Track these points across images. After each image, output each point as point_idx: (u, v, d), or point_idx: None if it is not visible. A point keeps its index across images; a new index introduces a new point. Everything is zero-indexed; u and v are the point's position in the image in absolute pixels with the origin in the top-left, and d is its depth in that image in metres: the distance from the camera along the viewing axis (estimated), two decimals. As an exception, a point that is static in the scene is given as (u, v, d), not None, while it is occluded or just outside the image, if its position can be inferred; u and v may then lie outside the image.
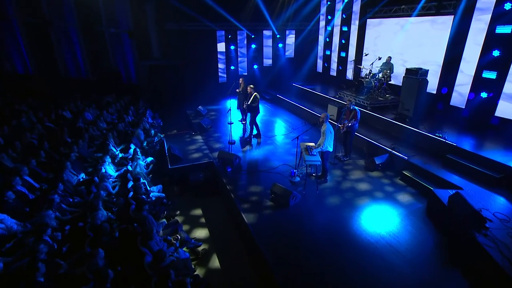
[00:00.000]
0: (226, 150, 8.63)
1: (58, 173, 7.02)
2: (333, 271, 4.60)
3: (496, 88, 7.94)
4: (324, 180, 7.03)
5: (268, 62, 16.17)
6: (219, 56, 15.36)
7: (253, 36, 15.15)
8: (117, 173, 7.92)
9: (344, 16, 12.89)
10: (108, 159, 8.06)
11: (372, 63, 10.23)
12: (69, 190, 6.75)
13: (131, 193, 6.55)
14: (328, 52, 14.51)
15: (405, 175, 7.10)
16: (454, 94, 9.10)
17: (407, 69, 8.88)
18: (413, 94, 8.71)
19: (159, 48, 15.87)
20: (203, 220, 6.90)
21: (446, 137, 7.49)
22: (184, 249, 5.62)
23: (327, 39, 14.31)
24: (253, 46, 15.36)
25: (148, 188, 7.16)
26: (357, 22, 12.45)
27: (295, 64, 15.99)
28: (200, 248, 5.84)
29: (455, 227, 5.07)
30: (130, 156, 8.53)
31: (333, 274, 4.55)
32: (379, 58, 10.17)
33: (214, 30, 14.82)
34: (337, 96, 11.59)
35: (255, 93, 9.09)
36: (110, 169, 7.84)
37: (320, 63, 15.37)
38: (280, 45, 15.58)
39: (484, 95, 8.16)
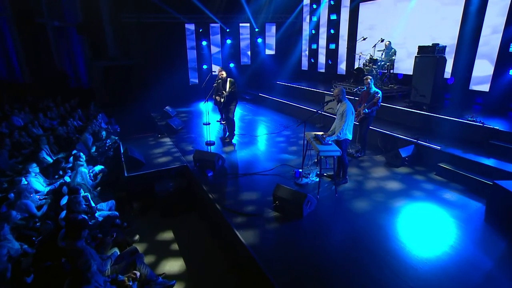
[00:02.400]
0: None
1: None
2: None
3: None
4: (343, 180, 5.47)
5: (246, 59, 14.86)
6: (188, 53, 13.82)
7: (228, 30, 13.83)
8: (48, 188, 5.87)
9: (332, 3, 11.98)
10: (35, 170, 6.01)
11: (375, 45, 9.16)
12: (-38, 213, 4.61)
13: (64, 213, 4.58)
14: (314, 46, 13.47)
15: (442, 168, 5.75)
16: (474, 75, 8.13)
17: (419, 47, 7.83)
18: (429, 76, 7.61)
19: (116, 45, 14.05)
20: (175, 246, 5.02)
21: (483, 121, 6.33)
22: (147, 293, 3.71)
23: (313, 31, 13.31)
24: (229, 41, 14.02)
25: (93, 205, 5.19)
26: (348, 8, 11.54)
27: (277, 61, 14.78)
28: (172, 290, 3.95)
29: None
30: (70, 165, 6.53)
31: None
32: (382, 40, 9.13)
33: (182, 23, 13.35)
34: (332, 89, 10.37)
35: (230, 78, 7.52)
36: (37, 183, 5.78)
37: (305, 59, 14.28)
38: (260, 40, 14.37)
39: (513, 72, 7.23)
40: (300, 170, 5.73)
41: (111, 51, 14.03)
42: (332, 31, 12.34)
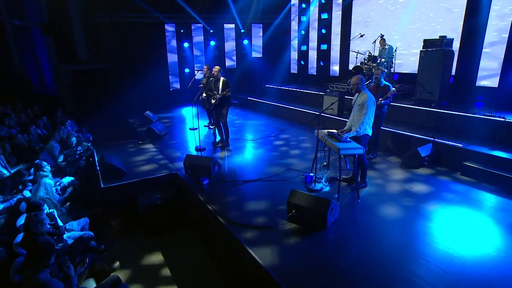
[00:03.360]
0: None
1: None
2: None
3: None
4: (363, 183, 4.87)
5: (231, 62, 14.28)
6: (169, 56, 13.07)
7: (211, 31, 13.25)
8: (2, 206, 4.88)
9: (323, 1, 11.71)
10: (-14, 183, 4.99)
11: (375, 41, 8.84)
12: None
13: (21, 236, 3.67)
14: (304, 48, 13.12)
15: (469, 167, 5.29)
16: (480, 71, 7.92)
17: (425, 40, 7.52)
18: (437, 71, 7.29)
19: (87, 47, 13.07)
20: (166, 271, 4.20)
21: (504, 116, 5.99)
22: None
23: (303, 32, 12.98)
24: (213, 43, 13.42)
25: (61, 224, 4.26)
26: (340, 6, 11.30)
27: (264, 64, 14.29)
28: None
29: None
30: (31, 177, 5.55)
31: None
32: (382, 36, 8.82)
33: (161, 23, 12.66)
34: (328, 90, 9.95)
35: (224, 78, 6.91)
36: (-13, 199, 4.77)
37: (294, 62, 13.88)
38: (246, 41, 13.87)
39: (524, 65, 7.04)
40: (311, 174, 5.08)
41: (81, 54, 13.02)
42: (323, 31, 12.03)
